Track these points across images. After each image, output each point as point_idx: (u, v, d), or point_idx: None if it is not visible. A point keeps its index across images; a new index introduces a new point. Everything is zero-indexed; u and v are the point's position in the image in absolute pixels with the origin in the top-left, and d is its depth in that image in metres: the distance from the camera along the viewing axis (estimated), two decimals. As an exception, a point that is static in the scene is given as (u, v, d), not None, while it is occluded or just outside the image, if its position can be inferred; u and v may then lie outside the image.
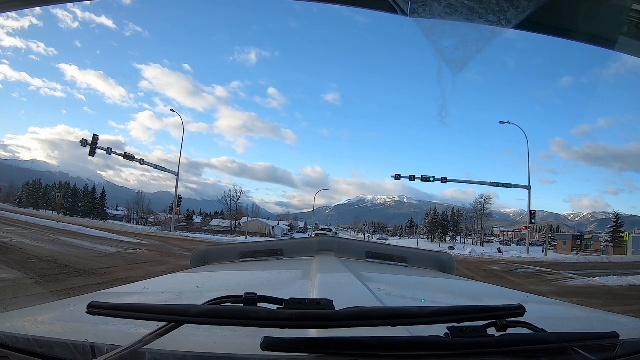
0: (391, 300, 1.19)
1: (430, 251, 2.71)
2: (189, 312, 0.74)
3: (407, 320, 0.75)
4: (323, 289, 1.20)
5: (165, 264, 12.98)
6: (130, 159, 36.06)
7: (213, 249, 2.18)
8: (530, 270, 19.30)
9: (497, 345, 0.71)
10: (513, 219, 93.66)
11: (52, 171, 79.16)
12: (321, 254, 2.04)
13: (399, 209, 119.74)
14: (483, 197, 58.08)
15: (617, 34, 2.03)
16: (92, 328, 0.85)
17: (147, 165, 38.70)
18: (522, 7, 1.58)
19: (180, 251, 17.73)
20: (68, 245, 15.79)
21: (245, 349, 0.74)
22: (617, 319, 1.30)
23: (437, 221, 63.25)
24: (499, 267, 19.89)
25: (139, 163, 37.29)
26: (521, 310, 0.78)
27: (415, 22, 1.61)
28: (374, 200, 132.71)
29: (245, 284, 1.53)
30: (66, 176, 75.61)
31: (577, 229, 72.52)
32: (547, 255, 34.39)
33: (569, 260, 30.17)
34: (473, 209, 59.07)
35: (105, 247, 16.67)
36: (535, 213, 35.73)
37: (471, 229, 61.40)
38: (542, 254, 36.71)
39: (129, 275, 9.80)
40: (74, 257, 12.65)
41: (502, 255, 33.11)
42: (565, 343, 0.76)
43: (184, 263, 12.96)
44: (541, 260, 27.85)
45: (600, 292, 12.23)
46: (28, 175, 65.83)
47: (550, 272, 17.99)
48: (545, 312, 1.38)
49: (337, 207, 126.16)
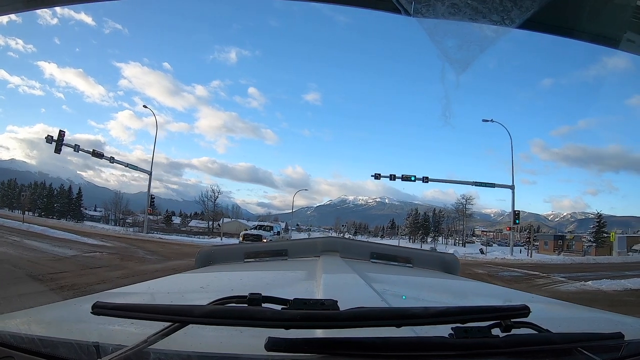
0: (396, 301, 1.17)
1: (435, 252, 2.69)
2: (194, 313, 0.74)
3: (412, 321, 0.75)
4: (328, 290, 1.20)
5: (122, 268, 12.13)
6: (99, 156, 34.82)
7: (217, 250, 2.19)
8: (517, 273, 18.17)
9: (501, 345, 0.71)
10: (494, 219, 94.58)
11: (32, 171, 77.21)
12: (326, 254, 2.04)
13: (380, 210, 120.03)
14: (465, 198, 57.78)
15: (621, 32, 2.02)
16: (97, 328, 0.86)
17: (117, 163, 37.53)
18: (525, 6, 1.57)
19: (143, 254, 16.94)
20: (24, 248, 15.01)
21: (249, 349, 0.74)
22: (622, 319, 1.28)
23: (418, 222, 62.46)
24: (483, 270, 18.45)
25: (108, 161, 36.23)
26: (526, 310, 0.77)
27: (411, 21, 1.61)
28: (355, 201, 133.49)
29: (249, 284, 1.52)
30: (45, 176, 73.60)
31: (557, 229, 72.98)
32: (532, 257, 33.43)
33: (555, 261, 28.90)
34: (455, 209, 58.43)
35: (63, 249, 15.67)
36: (519, 213, 34.75)
37: (452, 230, 60.82)
38: (525, 255, 35.92)
39: (75, 282, 8.96)
40: (26, 260, 11.97)
41: (485, 256, 31.80)
42: (570, 343, 0.76)
43: (142, 268, 12.58)
44: (527, 262, 26.87)
45: (596, 297, 11.50)
46: (6, 175, 63.88)
47: (539, 276, 17.06)
48: (549, 313, 1.38)
49: (318, 208, 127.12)
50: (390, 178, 36.09)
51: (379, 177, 36.97)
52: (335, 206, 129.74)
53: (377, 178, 37.17)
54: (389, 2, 1.69)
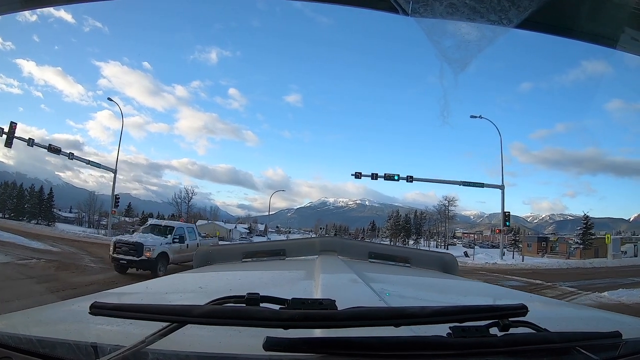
0: (394, 300, 1.17)
1: (433, 252, 2.70)
2: (192, 313, 0.73)
3: (410, 320, 0.75)
4: (326, 289, 1.20)
5: (52, 280, 10.63)
6: (56, 151, 32.05)
7: (216, 249, 2.23)
8: (517, 282, 16.16)
9: (499, 344, 0.71)
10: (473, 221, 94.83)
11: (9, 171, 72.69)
12: (324, 254, 2.03)
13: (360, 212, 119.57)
14: (447, 199, 56.61)
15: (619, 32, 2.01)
16: (95, 328, 0.86)
17: (77, 160, 34.72)
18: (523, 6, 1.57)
19: (87, 262, 15.15)
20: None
21: (248, 349, 0.74)
22: (620, 318, 1.30)
23: (399, 224, 60.75)
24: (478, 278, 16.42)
25: (67, 157, 33.01)
26: (523, 309, 0.77)
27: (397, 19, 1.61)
28: (335, 203, 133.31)
29: (248, 284, 1.53)
30: (23, 177, 71.06)
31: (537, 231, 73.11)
32: (524, 261, 30.46)
33: (551, 266, 26.48)
34: (437, 211, 57.14)
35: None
36: (509, 215, 32.27)
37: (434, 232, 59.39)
38: (513, 258, 33.40)
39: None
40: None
41: (472, 260, 29.39)
42: (568, 342, 0.76)
43: (75, 280, 10.85)
44: (521, 268, 24.55)
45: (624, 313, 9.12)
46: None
47: (543, 285, 15.20)
48: (547, 312, 1.38)
49: (299, 210, 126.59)
50: (372, 177, 33.67)
51: (359, 176, 34.28)
52: (315, 208, 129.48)
53: (357, 177, 34.40)
54: (386, 1, 1.70)
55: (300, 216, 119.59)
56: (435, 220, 59.33)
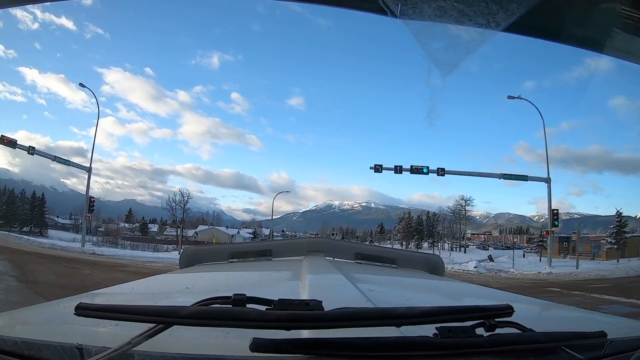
0: (381, 301, 1.16)
1: (419, 253, 2.83)
2: (178, 314, 0.72)
3: (397, 321, 0.75)
4: (313, 290, 1.18)
5: None
6: (12, 145, 28.23)
7: (202, 249, 2.19)
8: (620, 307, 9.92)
9: (485, 345, 0.71)
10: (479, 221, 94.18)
11: (15, 179, 72.69)
12: (311, 254, 2.02)
13: (366, 214, 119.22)
14: (463, 198, 53.69)
15: (606, 37, 2.05)
16: (81, 330, 0.84)
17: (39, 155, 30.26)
18: (511, 10, 1.54)
19: None
20: None
21: (234, 350, 0.73)
22: (605, 318, 1.30)
23: (412, 226, 58.86)
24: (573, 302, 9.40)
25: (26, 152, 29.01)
26: (509, 310, 0.77)
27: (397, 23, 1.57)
28: (341, 205, 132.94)
29: (234, 284, 1.51)
30: (29, 184, 71.24)
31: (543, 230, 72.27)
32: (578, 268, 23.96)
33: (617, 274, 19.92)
34: (451, 211, 55.33)
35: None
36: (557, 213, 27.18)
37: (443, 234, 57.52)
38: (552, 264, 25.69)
39: None
40: None
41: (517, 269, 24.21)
42: (554, 342, 0.76)
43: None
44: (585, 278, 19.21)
45: None
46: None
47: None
48: (533, 312, 1.38)
49: (304, 214, 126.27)
50: (396, 170, 29.41)
51: (380, 169, 29.71)
52: (321, 211, 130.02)
53: (377, 171, 29.80)
54: (374, 2, 1.78)
55: (305, 220, 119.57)
56: (449, 221, 56.32)
